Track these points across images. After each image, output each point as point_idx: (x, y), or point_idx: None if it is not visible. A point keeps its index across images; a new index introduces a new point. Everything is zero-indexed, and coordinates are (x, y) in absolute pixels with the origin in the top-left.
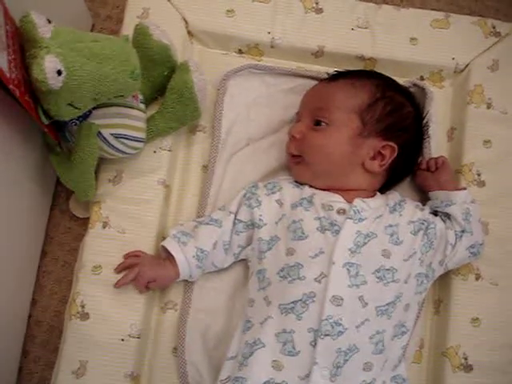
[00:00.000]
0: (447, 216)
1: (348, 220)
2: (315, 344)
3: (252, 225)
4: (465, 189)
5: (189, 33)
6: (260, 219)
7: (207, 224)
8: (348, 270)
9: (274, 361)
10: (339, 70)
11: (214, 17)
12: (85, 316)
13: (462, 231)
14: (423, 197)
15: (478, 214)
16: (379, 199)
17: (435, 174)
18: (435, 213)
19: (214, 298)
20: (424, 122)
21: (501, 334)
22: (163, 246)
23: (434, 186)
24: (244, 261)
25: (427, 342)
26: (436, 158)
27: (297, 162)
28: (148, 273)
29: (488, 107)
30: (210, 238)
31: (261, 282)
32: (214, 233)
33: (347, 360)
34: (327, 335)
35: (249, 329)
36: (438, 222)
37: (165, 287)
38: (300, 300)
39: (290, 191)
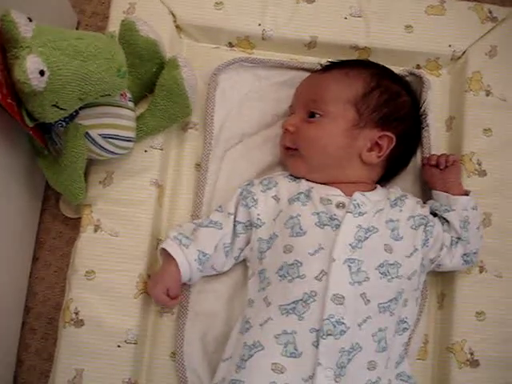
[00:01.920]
0: (445, 220)
1: (348, 214)
2: (318, 344)
3: (250, 225)
4: (468, 194)
5: (177, 27)
6: (258, 219)
7: (207, 226)
8: (349, 266)
9: (273, 364)
10: (333, 60)
11: (202, 10)
12: (79, 323)
13: (458, 238)
14: (424, 194)
15: (477, 222)
16: (379, 192)
17: (443, 172)
18: (434, 213)
19: (212, 301)
20: (421, 110)
21: (507, 328)
22: (163, 249)
23: (439, 185)
24: (243, 262)
25: (431, 338)
26: (447, 156)
27: (292, 155)
28: (156, 287)
29: (487, 94)
30: (212, 241)
31: (261, 282)
32: (216, 235)
33: (351, 359)
34: (329, 335)
35: (247, 330)
36: (436, 223)
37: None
38: (301, 300)
39: (286, 185)
